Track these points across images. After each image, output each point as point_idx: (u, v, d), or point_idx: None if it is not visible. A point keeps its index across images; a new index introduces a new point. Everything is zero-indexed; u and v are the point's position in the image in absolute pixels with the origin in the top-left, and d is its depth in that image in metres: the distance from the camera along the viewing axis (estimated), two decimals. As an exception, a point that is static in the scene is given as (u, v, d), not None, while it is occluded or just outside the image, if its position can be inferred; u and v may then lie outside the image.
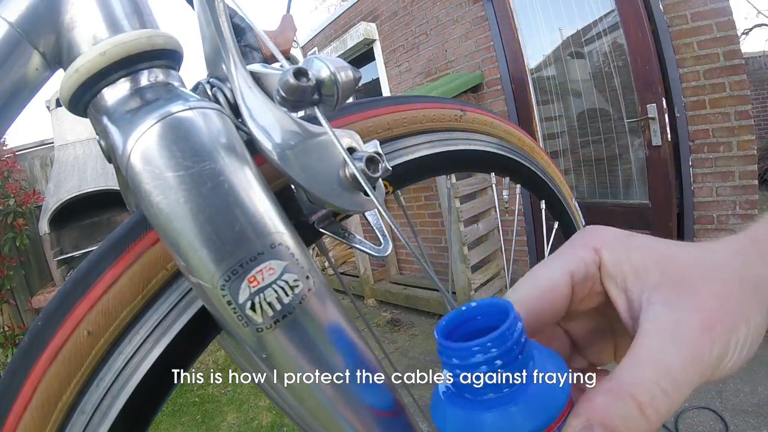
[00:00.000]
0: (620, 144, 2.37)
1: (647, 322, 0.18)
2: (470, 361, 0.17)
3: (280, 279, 0.20)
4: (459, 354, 0.17)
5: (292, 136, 0.23)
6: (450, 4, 2.96)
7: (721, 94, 1.93)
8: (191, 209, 0.19)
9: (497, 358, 0.17)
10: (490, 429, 0.17)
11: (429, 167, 0.38)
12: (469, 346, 0.17)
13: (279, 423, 2.09)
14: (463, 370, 0.17)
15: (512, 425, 0.17)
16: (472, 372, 0.17)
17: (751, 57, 5.47)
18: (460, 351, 0.17)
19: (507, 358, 0.17)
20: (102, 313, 0.22)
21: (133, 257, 0.23)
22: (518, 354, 0.17)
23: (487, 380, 0.17)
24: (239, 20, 0.35)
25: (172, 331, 0.23)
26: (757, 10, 5.61)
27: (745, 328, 0.18)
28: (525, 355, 0.18)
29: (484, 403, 0.17)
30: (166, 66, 0.23)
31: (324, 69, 0.22)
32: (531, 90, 2.71)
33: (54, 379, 0.21)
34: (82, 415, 0.22)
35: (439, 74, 3.18)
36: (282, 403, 0.24)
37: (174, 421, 2.28)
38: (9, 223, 2.67)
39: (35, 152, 3.41)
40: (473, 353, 0.17)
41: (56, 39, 0.21)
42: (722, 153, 1.98)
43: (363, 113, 0.32)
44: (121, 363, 0.22)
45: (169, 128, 0.20)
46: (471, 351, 0.17)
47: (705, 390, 1.72)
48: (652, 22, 2.06)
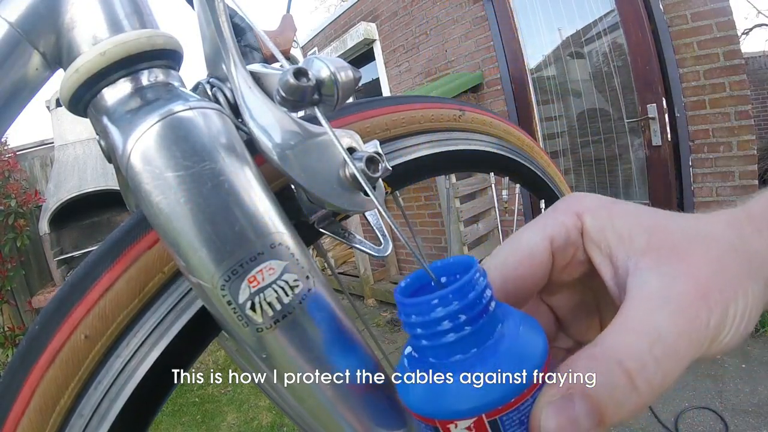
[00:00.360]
0: (620, 144, 2.37)
1: (635, 288, 0.17)
2: (431, 317, 0.16)
3: (280, 279, 0.20)
4: (418, 309, 0.16)
5: (292, 136, 0.23)
6: (450, 4, 2.96)
7: (721, 94, 1.94)
8: (191, 209, 0.19)
9: (460, 312, 0.15)
10: (454, 395, 0.15)
11: (428, 167, 0.38)
12: (427, 300, 0.16)
13: (279, 423, 2.09)
14: (424, 328, 0.16)
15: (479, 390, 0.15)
16: (434, 330, 0.16)
17: (751, 57, 5.47)
18: (419, 306, 0.16)
19: (470, 312, 0.16)
20: (99, 316, 0.22)
21: (130, 261, 0.23)
22: (483, 310, 0.16)
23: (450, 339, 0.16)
24: (239, 20, 0.35)
25: (170, 334, 0.23)
26: (757, 10, 5.61)
27: (743, 299, 0.16)
28: (493, 315, 0.16)
29: (449, 367, 0.16)
30: (166, 66, 0.23)
31: (324, 69, 0.22)
32: (531, 90, 2.71)
33: (52, 383, 0.21)
34: (81, 418, 0.22)
35: (439, 74, 3.18)
36: (282, 403, 0.24)
37: (174, 421, 2.28)
38: (10, 224, 2.67)
39: (35, 152, 3.41)
40: (433, 307, 0.16)
41: (56, 39, 0.21)
42: (722, 153, 1.98)
43: (361, 114, 0.32)
44: (118, 366, 0.22)
45: (169, 128, 0.20)
46: (430, 305, 0.16)
47: (705, 390, 1.72)
48: (652, 22, 2.06)
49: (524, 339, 0.16)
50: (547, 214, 0.21)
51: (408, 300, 0.16)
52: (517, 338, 0.16)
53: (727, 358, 1.88)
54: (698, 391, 1.72)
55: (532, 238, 0.20)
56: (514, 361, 0.15)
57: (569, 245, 0.20)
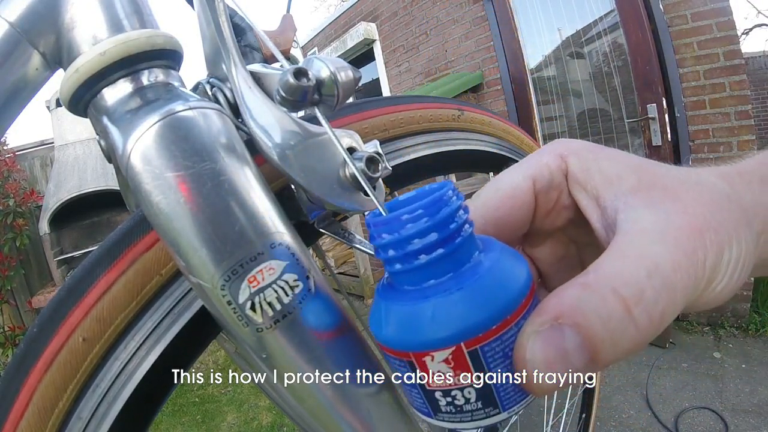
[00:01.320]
0: (620, 144, 2.37)
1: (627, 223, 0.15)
2: (402, 235, 0.15)
3: (280, 279, 0.20)
4: (388, 227, 0.15)
5: (292, 136, 0.23)
6: (450, 4, 2.96)
7: (721, 94, 1.94)
8: (191, 209, 0.19)
9: (431, 229, 0.14)
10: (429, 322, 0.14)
11: (428, 167, 0.38)
12: (397, 215, 0.15)
13: (279, 423, 2.09)
14: (396, 248, 0.15)
15: (455, 316, 0.14)
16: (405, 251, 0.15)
17: (751, 57, 5.47)
18: (389, 223, 0.15)
19: (443, 231, 0.14)
20: (97, 319, 0.22)
21: (127, 263, 0.23)
22: (457, 230, 0.15)
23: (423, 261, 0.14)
24: (239, 20, 0.35)
25: (168, 336, 0.23)
26: (757, 10, 5.61)
27: (737, 245, 0.15)
28: (469, 239, 0.15)
29: (423, 292, 0.15)
30: (166, 66, 0.23)
31: (324, 69, 0.22)
32: (531, 90, 2.71)
33: (50, 386, 0.21)
34: (79, 421, 0.22)
35: (439, 74, 3.18)
36: (282, 403, 0.24)
37: (174, 421, 2.28)
38: (9, 223, 2.68)
39: (35, 152, 3.41)
40: (403, 223, 0.15)
41: (56, 39, 0.21)
42: (722, 153, 1.98)
43: (361, 114, 0.32)
44: (116, 369, 0.22)
45: (169, 128, 0.20)
46: (400, 221, 0.15)
47: (705, 390, 1.72)
48: (652, 22, 2.06)
49: (505, 264, 0.15)
50: (531, 156, 0.20)
51: (377, 218, 0.15)
52: (497, 263, 0.15)
53: (727, 358, 1.88)
54: (698, 391, 1.72)
55: (514, 178, 0.19)
56: (494, 285, 0.14)
57: (553, 188, 0.19)
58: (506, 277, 0.15)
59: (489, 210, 0.19)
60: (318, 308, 0.22)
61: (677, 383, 1.79)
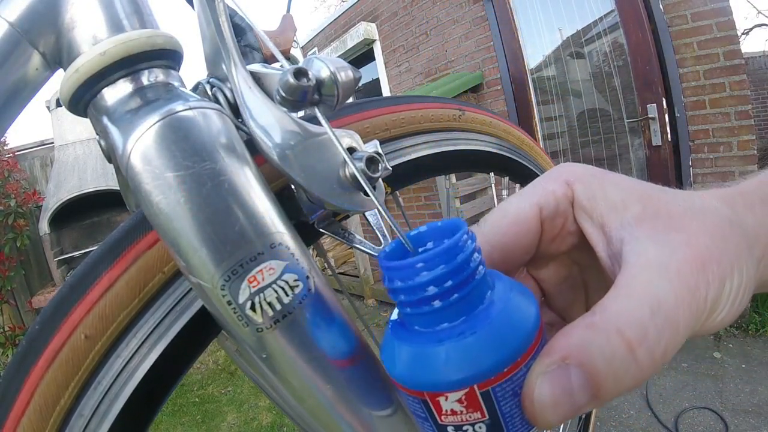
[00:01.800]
0: (620, 144, 2.37)
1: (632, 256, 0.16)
2: (416, 281, 0.15)
3: (280, 279, 0.20)
4: (402, 273, 0.15)
5: (292, 136, 0.23)
6: (450, 4, 2.96)
7: (721, 94, 1.94)
8: (191, 209, 0.19)
9: (446, 277, 0.14)
10: (443, 365, 0.14)
11: (428, 167, 0.38)
12: (412, 263, 0.15)
13: (279, 423, 2.09)
14: (410, 294, 0.15)
15: (469, 359, 0.14)
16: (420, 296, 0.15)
17: (751, 57, 5.47)
18: (403, 270, 0.15)
19: (458, 277, 0.15)
20: (99, 316, 0.22)
21: (130, 261, 0.23)
22: (472, 275, 0.15)
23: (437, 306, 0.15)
24: (239, 20, 0.35)
25: (170, 334, 0.23)
26: (757, 10, 5.61)
27: (738, 275, 0.16)
28: (482, 281, 0.15)
29: (436, 335, 0.15)
30: (166, 66, 0.23)
31: (324, 69, 0.22)
32: (531, 90, 2.71)
33: (52, 383, 0.21)
34: (80, 418, 0.22)
35: (439, 74, 3.18)
36: (282, 403, 0.24)
37: (174, 421, 2.28)
38: (9, 224, 2.68)
39: (35, 152, 3.41)
40: (418, 271, 0.15)
41: (56, 39, 0.21)
42: (722, 153, 1.98)
43: (361, 114, 0.32)
44: (118, 366, 0.22)
45: (169, 128, 0.20)
46: (415, 269, 0.15)
47: (705, 390, 1.72)
48: (652, 22, 2.06)
49: (516, 305, 0.15)
50: (537, 182, 0.20)
51: (391, 263, 0.15)
52: (508, 305, 0.15)
53: (727, 358, 1.88)
54: (698, 391, 1.72)
55: (520, 205, 0.19)
56: (506, 328, 0.15)
57: (559, 215, 0.19)
58: (518, 319, 0.15)
59: (496, 237, 0.19)
60: (318, 308, 0.22)
61: (677, 383, 1.79)
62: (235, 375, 2.63)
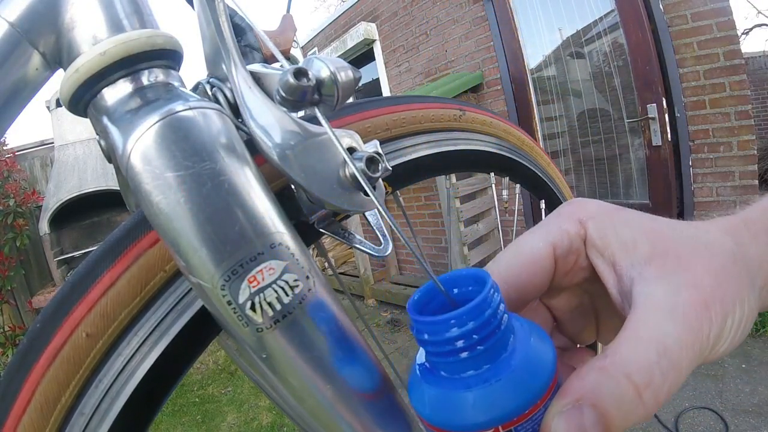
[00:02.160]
0: (620, 144, 2.37)
1: (641, 297, 0.17)
2: (445, 336, 0.16)
3: (280, 279, 0.20)
4: (432, 329, 0.16)
5: (292, 136, 0.23)
6: (450, 4, 2.96)
7: (721, 94, 1.94)
8: (191, 209, 0.19)
9: (474, 332, 0.16)
10: (470, 408, 0.15)
11: (428, 167, 0.38)
12: (443, 320, 0.16)
13: (279, 423, 2.09)
14: (438, 346, 0.16)
15: (493, 404, 0.15)
16: (448, 348, 0.16)
17: (751, 57, 5.47)
18: (434, 325, 0.16)
19: (485, 331, 0.16)
20: (100, 315, 0.22)
21: (131, 259, 0.23)
22: (497, 327, 0.16)
23: (465, 356, 0.16)
24: (239, 20, 0.35)
25: (171, 333, 0.23)
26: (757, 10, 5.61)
27: (740, 309, 0.17)
28: (505, 329, 0.16)
29: (463, 381, 0.16)
30: (166, 66, 0.23)
31: (324, 69, 0.22)
32: (531, 90, 2.71)
33: (53, 381, 0.21)
34: (81, 417, 0.22)
35: (439, 74, 3.18)
36: (282, 403, 0.24)
37: (174, 421, 2.28)
38: (9, 224, 2.68)
39: (35, 152, 3.41)
40: (448, 327, 0.16)
41: (56, 39, 0.21)
42: (722, 153, 1.98)
43: (361, 114, 0.32)
44: (119, 365, 0.22)
45: (169, 128, 0.20)
46: (445, 325, 0.16)
47: (705, 390, 1.72)
48: (652, 22, 2.06)
49: (535, 351, 0.17)
50: (550, 220, 0.21)
51: (422, 318, 0.16)
52: (528, 351, 0.16)
53: (728, 358, 1.88)
54: (698, 391, 1.72)
55: (535, 244, 0.20)
56: (527, 374, 0.16)
57: (572, 252, 0.20)
58: (537, 365, 0.16)
59: (512, 276, 0.20)
60: (318, 308, 0.22)
61: (677, 383, 1.79)
62: (235, 375, 2.64)
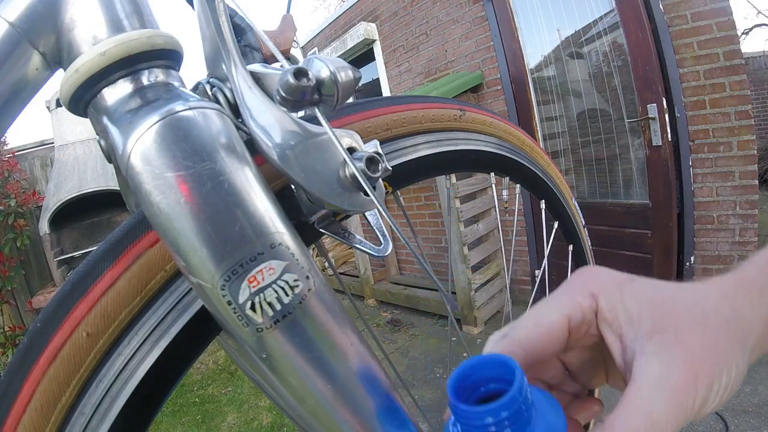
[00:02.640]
0: (620, 144, 2.37)
1: (639, 373, 0.20)
2: (481, 422, 0.18)
3: (280, 279, 0.20)
4: (471, 416, 0.19)
5: (292, 136, 0.23)
6: (450, 4, 2.96)
7: (721, 94, 1.93)
8: (191, 209, 0.19)
9: (506, 420, 0.18)
10: None
11: (428, 167, 0.38)
12: (480, 412, 0.18)
13: (279, 423, 2.09)
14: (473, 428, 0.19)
15: None
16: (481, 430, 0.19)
17: (751, 57, 5.47)
18: (472, 414, 0.19)
19: (515, 419, 0.18)
20: (101, 314, 0.22)
21: (132, 259, 0.23)
22: (525, 413, 0.19)
23: None
24: (239, 20, 0.35)
25: (171, 332, 0.23)
26: (757, 10, 5.61)
27: (726, 375, 0.20)
28: (529, 409, 0.19)
29: None
30: (166, 66, 0.23)
31: (324, 69, 0.22)
32: (531, 90, 2.71)
33: (53, 381, 0.21)
34: (82, 416, 0.22)
35: (439, 74, 3.18)
36: (282, 403, 0.24)
37: (174, 421, 2.28)
38: (9, 224, 2.68)
39: (35, 152, 3.41)
40: (483, 416, 0.18)
41: (56, 39, 0.21)
42: (722, 153, 1.98)
43: (362, 114, 0.32)
44: (120, 364, 0.22)
45: (169, 128, 0.20)
46: (482, 415, 0.18)
47: (705, 390, 1.72)
48: (652, 22, 2.06)
49: (552, 422, 0.19)
50: (565, 292, 0.24)
51: (461, 406, 0.19)
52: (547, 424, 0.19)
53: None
54: (698, 391, 1.72)
55: (552, 317, 0.23)
56: None
57: (584, 324, 0.23)
58: None
59: (530, 345, 0.23)
60: (318, 308, 0.22)
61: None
62: (235, 375, 2.64)
